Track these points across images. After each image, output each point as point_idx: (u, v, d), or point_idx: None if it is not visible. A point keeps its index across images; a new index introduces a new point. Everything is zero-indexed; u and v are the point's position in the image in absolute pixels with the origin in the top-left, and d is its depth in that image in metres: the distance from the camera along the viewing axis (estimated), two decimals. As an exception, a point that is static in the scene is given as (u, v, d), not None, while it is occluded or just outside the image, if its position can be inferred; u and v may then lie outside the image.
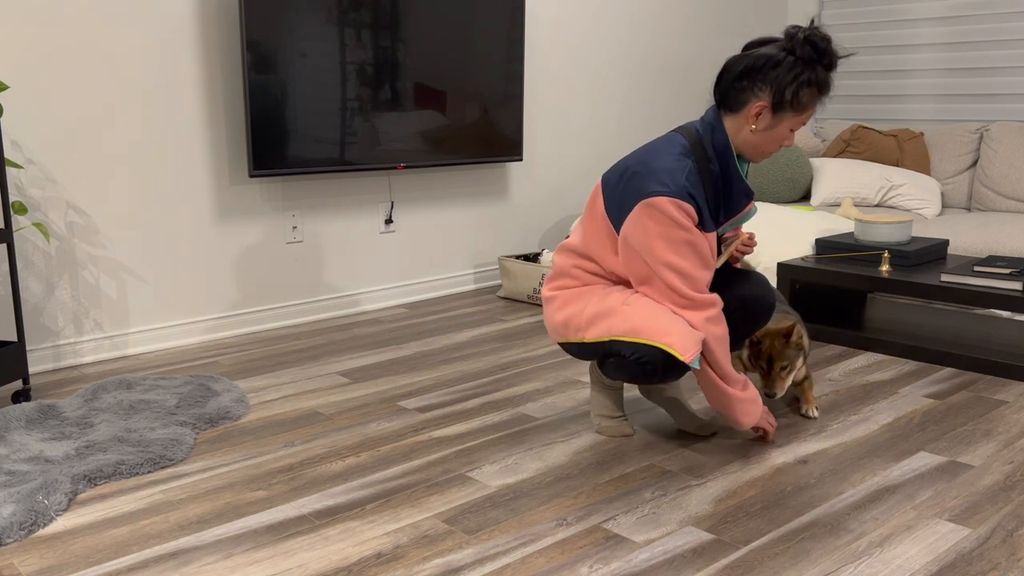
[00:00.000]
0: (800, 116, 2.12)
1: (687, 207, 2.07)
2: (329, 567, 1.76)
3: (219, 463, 2.26)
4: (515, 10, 3.95)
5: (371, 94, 3.55)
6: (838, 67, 2.13)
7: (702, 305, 2.13)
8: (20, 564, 1.78)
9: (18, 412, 2.48)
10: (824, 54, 2.06)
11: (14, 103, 2.87)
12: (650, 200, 2.07)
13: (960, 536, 1.86)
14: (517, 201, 4.35)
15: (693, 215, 2.09)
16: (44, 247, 2.99)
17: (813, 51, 2.06)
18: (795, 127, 2.14)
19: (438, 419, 2.55)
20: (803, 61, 2.06)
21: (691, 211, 2.08)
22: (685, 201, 2.07)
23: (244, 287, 3.48)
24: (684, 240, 2.09)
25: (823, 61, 2.07)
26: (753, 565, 1.75)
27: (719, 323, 2.15)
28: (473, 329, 3.52)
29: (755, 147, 2.15)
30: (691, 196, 2.08)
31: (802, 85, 2.07)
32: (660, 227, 2.07)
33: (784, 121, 2.12)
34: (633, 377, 2.19)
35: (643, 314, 2.13)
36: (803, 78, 2.06)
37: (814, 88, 2.08)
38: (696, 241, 2.10)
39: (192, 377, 2.86)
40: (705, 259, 2.13)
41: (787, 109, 2.09)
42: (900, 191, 4.33)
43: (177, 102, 3.21)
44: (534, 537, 1.87)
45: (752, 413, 2.25)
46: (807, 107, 2.10)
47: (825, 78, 2.08)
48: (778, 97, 2.08)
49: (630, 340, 2.13)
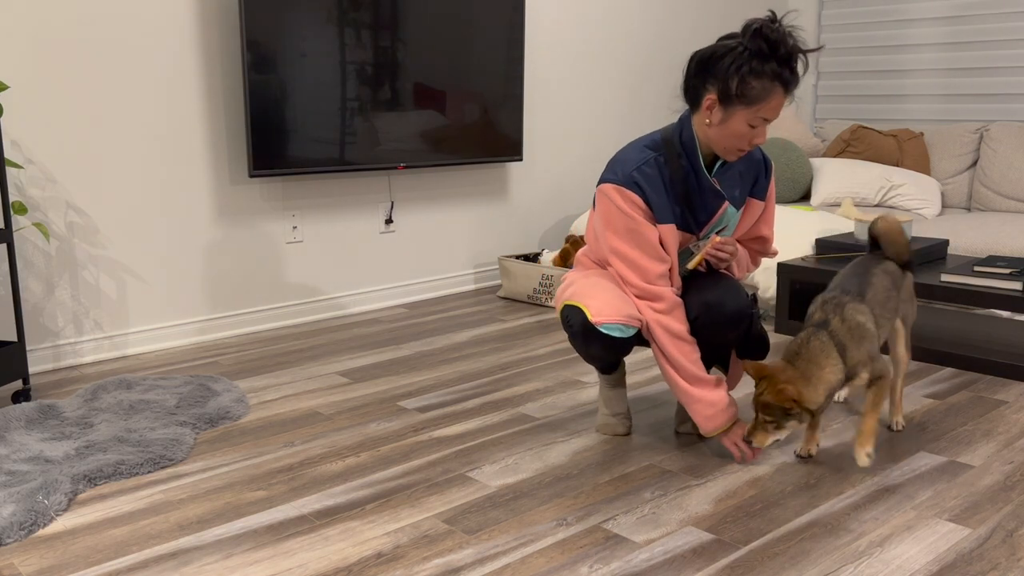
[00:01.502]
0: (753, 109, 2.03)
1: (631, 195, 2.12)
2: (329, 567, 1.76)
3: (219, 463, 2.26)
4: (515, 10, 3.95)
5: (371, 94, 3.55)
6: (804, 61, 2.03)
7: (651, 296, 2.16)
8: (20, 564, 1.78)
9: (18, 412, 2.48)
10: (776, 46, 1.99)
11: (14, 103, 2.87)
12: (600, 187, 2.18)
13: (960, 536, 1.86)
14: (517, 201, 4.35)
15: (639, 203, 2.12)
16: (44, 247, 2.99)
17: (764, 43, 1.99)
18: (753, 122, 2.05)
19: (438, 419, 2.55)
20: (751, 52, 2.00)
21: (635, 199, 2.12)
22: (629, 189, 2.12)
23: (244, 287, 3.48)
24: (626, 227, 2.14)
25: (776, 54, 1.99)
26: (753, 565, 1.75)
27: (672, 318, 2.15)
28: (473, 329, 3.52)
29: (717, 143, 2.11)
30: (637, 185, 2.12)
31: (747, 76, 2.00)
32: (606, 214, 2.17)
33: (736, 114, 2.05)
34: (572, 344, 2.29)
35: (587, 283, 2.22)
36: (746, 69, 2.00)
37: (764, 80, 2.00)
38: (641, 230, 2.13)
39: (192, 377, 2.86)
40: (654, 250, 2.14)
41: (735, 102, 2.04)
42: (900, 191, 4.33)
43: (177, 102, 3.21)
44: (534, 537, 1.87)
45: (712, 418, 2.18)
46: (759, 100, 2.02)
47: (777, 71, 2.00)
48: (724, 89, 2.04)
49: (565, 303, 2.26)
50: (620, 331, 2.15)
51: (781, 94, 2.03)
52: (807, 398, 2.05)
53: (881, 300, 2.21)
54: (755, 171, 2.27)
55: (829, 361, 2.07)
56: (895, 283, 2.30)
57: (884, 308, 2.22)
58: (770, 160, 2.31)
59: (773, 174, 2.31)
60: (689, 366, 2.17)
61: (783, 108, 2.15)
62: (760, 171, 2.28)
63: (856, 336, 2.10)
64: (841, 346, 2.08)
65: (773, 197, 2.34)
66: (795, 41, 2.01)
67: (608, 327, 2.14)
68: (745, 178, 2.26)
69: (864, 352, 2.10)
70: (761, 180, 2.28)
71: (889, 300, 2.24)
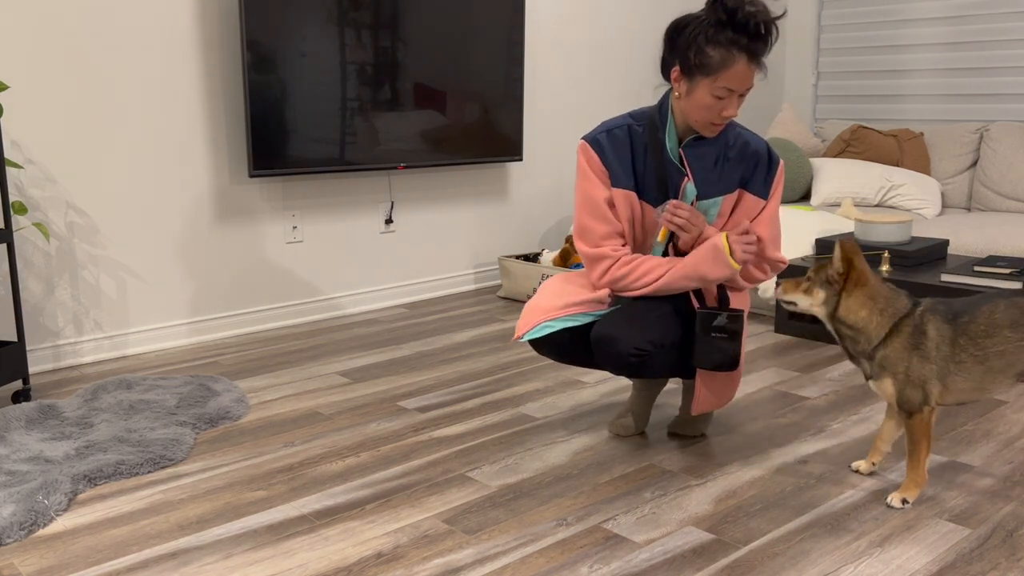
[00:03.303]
0: (712, 79, 1.99)
1: (590, 151, 2.16)
2: (329, 567, 1.76)
3: (219, 463, 2.26)
4: (515, 10, 3.95)
5: (371, 94, 3.55)
6: (767, 28, 1.98)
7: (593, 260, 2.17)
8: (20, 564, 1.78)
9: (18, 412, 2.48)
10: (733, 13, 1.95)
11: (14, 103, 2.87)
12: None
13: (960, 536, 1.86)
14: (517, 201, 4.35)
15: (595, 161, 2.15)
16: (44, 247, 2.99)
17: (722, 10, 1.96)
18: (717, 92, 2.00)
19: (438, 419, 2.55)
20: (708, 23, 1.99)
21: (592, 156, 2.15)
22: (590, 145, 2.16)
23: (244, 287, 3.48)
24: (580, 187, 2.19)
25: (733, 20, 1.95)
26: (753, 565, 1.75)
27: (619, 274, 2.14)
28: (473, 329, 3.52)
29: (689, 116, 2.09)
30: (599, 143, 2.15)
31: (703, 45, 1.98)
32: (577, 172, 2.21)
33: (700, 86, 2.02)
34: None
35: (528, 307, 2.27)
36: (702, 38, 1.98)
37: (721, 48, 1.97)
38: (589, 190, 2.16)
39: (192, 377, 2.86)
40: (599, 211, 2.15)
41: (696, 72, 2.02)
42: (900, 191, 4.33)
43: (177, 102, 3.21)
44: (534, 537, 1.87)
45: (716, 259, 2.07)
46: (718, 69, 1.98)
47: (734, 37, 1.96)
48: (684, 60, 2.03)
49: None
50: (543, 329, 2.18)
51: (744, 63, 1.98)
52: (852, 296, 1.93)
53: (981, 333, 1.88)
54: (751, 162, 2.17)
55: (886, 315, 1.92)
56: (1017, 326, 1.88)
57: (979, 347, 1.88)
58: (777, 158, 2.20)
59: (780, 174, 2.20)
60: (660, 267, 2.11)
61: (754, 80, 2.08)
62: (757, 164, 2.18)
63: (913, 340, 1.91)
64: (895, 329, 1.91)
65: (777, 198, 2.21)
66: (755, 8, 1.96)
67: (529, 334, 2.19)
68: (731, 165, 2.16)
69: (904, 366, 1.91)
70: (758, 174, 2.18)
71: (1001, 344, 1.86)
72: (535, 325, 2.19)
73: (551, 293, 2.25)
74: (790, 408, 2.62)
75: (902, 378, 1.92)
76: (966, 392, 1.91)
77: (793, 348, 3.24)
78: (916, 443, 1.95)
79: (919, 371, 1.90)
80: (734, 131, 2.19)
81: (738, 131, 2.20)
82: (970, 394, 1.92)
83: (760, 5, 1.98)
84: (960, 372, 1.90)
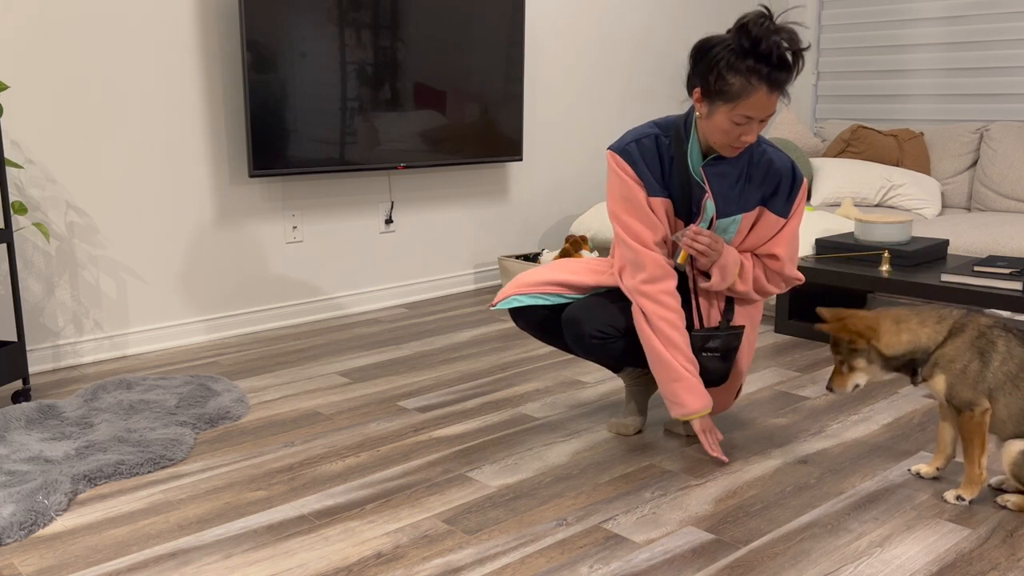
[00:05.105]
0: (732, 106, 1.97)
1: (620, 160, 2.16)
2: (329, 567, 1.76)
3: (219, 463, 2.26)
4: (515, 10, 3.95)
5: (371, 94, 3.55)
6: (793, 59, 1.95)
7: (641, 265, 2.15)
8: (20, 564, 1.78)
9: (18, 412, 2.48)
10: (757, 42, 1.91)
11: (14, 103, 2.87)
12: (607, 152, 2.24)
13: (960, 536, 1.86)
14: (517, 201, 4.35)
15: (627, 170, 2.15)
16: (44, 247, 2.99)
17: (746, 39, 1.93)
18: (736, 119, 1.99)
19: (438, 419, 2.55)
20: (732, 49, 1.96)
21: (624, 165, 2.15)
22: (620, 155, 2.16)
23: (244, 287, 3.48)
24: (619, 192, 2.17)
25: (756, 50, 1.92)
26: (753, 565, 1.75)
27: (656, 298, 2.13)
28: (473, 329, 3.52)
29: (709, 136, 2.08)
30: (629, 154, 2.15)
31: (724, 72, 1.95)
32: (608, 178, 2.20)
33: (719, 111, 2.00)
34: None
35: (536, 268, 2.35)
36: (724, 64, 1.96)
37: (741, 77, 1.94)
38: (631, 195, 2.15)
39: (192, 377, 2.86)
40: (645, 216, 2.15)
41: (716, 98, 2.00)
42: (900, 191, 4.33)
43: (177, 102, 3.21)
44: (534, 537, 1.87)
45: (683, 403, 2.14)
46: (738, 97, 1.96)
47: (755, 67, 1.93)
48: (705, 83, 2.01)
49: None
50: (511, 302, 2.28)
51: (764, 92, 1.95)
52: (884, 337, 1.92)
53: None
54: (773, 181, 2.15)
55: (933, 324, 1.92)
56: None
57: None
58: (801, 176, 2.17)
59: (803, 193, 2.18)
60: (671, 332, 2.12)
61: (777, 107, 2.06)
62: (780, 183, 2.15)
63: (978, 344, 1.89)
64: (955, 331, 1.90)
65: (798, 217, 2.19)
66: (780, 38, 1.92)
67: (500, 304, 2.29)
68: (752, 183, 2.15)
69: (962, 363, 1.89)
70: (780, 193, 2.16)
71: None
72: (507, 296, 2.31)
73: (543, 269, 2.34)
74: (790, 408, 2.62)
75: (957, 374, 1.90)
76: (999, 420, 1.91)
77: (793, 348, 3.24)
78: (968, 441, 1.94)
79: (975, 372, 1.89)
80: (759, 148, 2.16)
81: (763, 148, 2.17)
82: (1002, 425, 1.92)
83: (787, 33, 1.93)
84: (1011, 395, 1.89)
